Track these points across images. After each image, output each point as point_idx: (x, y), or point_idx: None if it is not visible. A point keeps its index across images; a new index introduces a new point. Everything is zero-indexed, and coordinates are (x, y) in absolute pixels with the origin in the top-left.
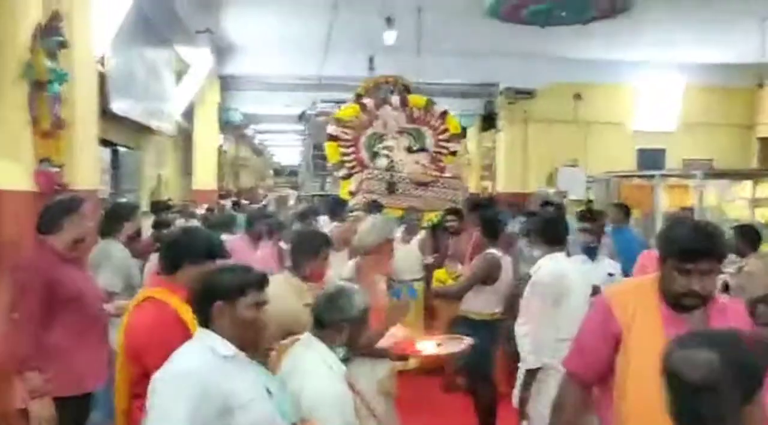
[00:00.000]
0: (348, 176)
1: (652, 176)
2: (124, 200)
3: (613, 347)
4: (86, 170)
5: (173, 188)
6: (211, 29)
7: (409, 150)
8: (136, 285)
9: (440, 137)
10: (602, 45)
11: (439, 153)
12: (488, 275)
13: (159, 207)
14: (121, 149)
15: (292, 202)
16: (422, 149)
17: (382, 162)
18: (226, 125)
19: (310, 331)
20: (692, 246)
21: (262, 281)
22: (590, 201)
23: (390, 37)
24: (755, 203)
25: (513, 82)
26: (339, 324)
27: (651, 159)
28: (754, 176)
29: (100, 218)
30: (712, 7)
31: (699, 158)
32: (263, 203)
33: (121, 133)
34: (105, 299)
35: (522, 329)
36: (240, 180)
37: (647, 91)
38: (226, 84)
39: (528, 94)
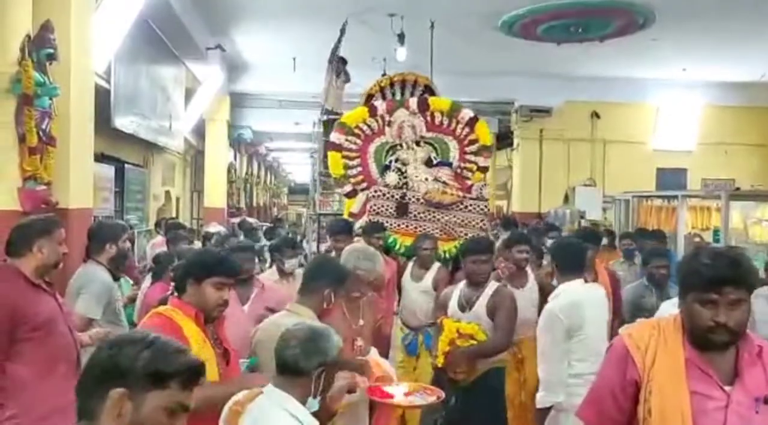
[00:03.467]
0: (353, 194)
1: (675, 197)
2: (110, 220)
3: (632, 395)
4: (79, 188)
5: (183, 206)
6: (222, 46)
7: (428, 164)
8: (118, 311)
9: (467, 149)
10: (619, 63)
11: (465, 169)
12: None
13: (170, 226)
14: (127, 166)
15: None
16: (444, 163)
17: (393, 178)
18: (236, 143)
19: (273, 382)
20: (716, 273)
21: (193, 373)
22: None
23: (402, 54)
24: None
25: (528, 100)
26: (318, 369)
27: (671, 179)
28: None
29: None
30: (732, 25)
31: (720, 178)
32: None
33: (127, 149)
34: (80, 328)
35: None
36: (252, 198)
37: (667, 110)
38: (237, 101)
39: (544, 112)
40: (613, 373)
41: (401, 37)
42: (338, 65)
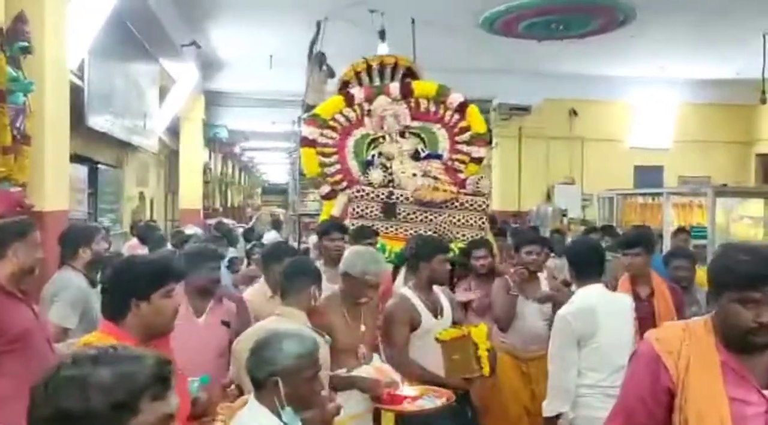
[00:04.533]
0: (332, 195)
1: (659, 194)
2: (82, 222)
3: (666, 404)
4: (54, 189)
5: (157, 208)
6: (197, 43)
7: (416, 157)
8: (96, 320)
9: (458, 138)
10: (597, 61)
11: (457, 161)
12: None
13: (144, 228)
14: (101, 167)
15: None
16: (433, 156)
17: (377, 175)
18: (212, 142)
19: (254, 393)
20: (757, 270)
21: (161, 378)
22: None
23: (383, 50)
24: None
25: (508, 98)
26: (271, 379)
27: (648, 177)
28: (766, 193)
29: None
30: (709, 24)
31: (696, 175)
32: (251, 223)
33: (101, 149)
34: (55, 338)
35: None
36: (227, 199)
37: (643, 108)
38: (212, 100)
39: (523, 110)
40: (643, 380)
41: (382, 34)
42: (319, 59)
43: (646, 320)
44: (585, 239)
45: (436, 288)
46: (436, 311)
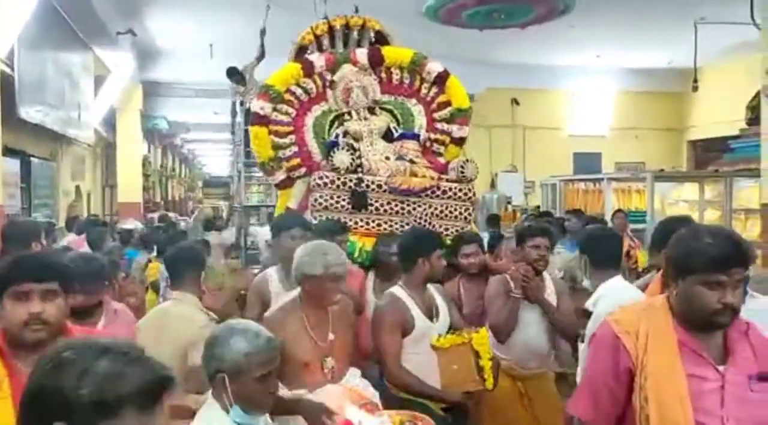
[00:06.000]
0: (288, 183)
1: (600, 180)
2: (22, 217)
3: (627, 384)
4: None
5: (95, 202)
6: (134, 31)
7: (387, 137)
8: None
9: (437, 114)
10: (538, 50)
11: (436, 141)
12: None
13: (88, 224)
14: (34, 160)
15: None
16: (408, 135)
17: (343, 158)
18: (150, 134)
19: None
20: (723, 253)
21: (152, 391)
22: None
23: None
24: (706, 204)
25: None
26: (218, 376)
27: (587, 163)
28: (700, 177)
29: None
30: (645, 13)
31: (631, 161)
32: (192, 218)
33: (34, 142)
34: None
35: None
36: (167, 192)
37: (581, 96)
38: (151, 90)
39: None
40: (605, 362)
41: (326, 21)
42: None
43: None
44: (601, 228)
45: (430, 287)
46: (431, 312)
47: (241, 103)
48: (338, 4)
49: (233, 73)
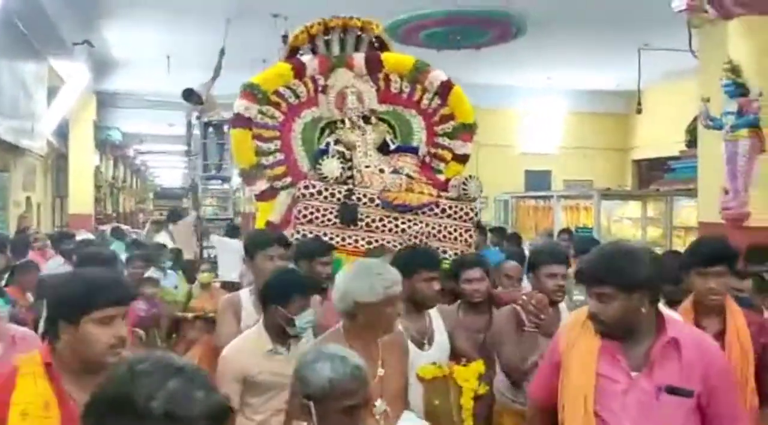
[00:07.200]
0: (269, 195)
1: (550, 197)
2: None
3: (557, 374)
4: None
5: (45, 213)
6: (91, 42)
7: (383, 150)
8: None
9: (438, 128)
10: (492, 71)
11: (436, 157)
12: None
13: (60, 236)
14: None
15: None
16: (406, 149)
17: (333, 167)
18: (102, 145)
19: None
20: (587, 269)
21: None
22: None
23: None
24: (648, 222)
25: None
26: (303, 402)
27: (538, 180)
28: (643, 196)
29: None
30: (593, 38)
31: (579, 179)
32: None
33: None
34: None
35: None
36: (118, 204)
37: (533, 116)
38: (105, 101)
39: None
40: (548, 353)
41: (285, 39)
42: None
43: None
44: (590, 238)
45: (431, 311)
46: (423, 339)
47: (198, 118)
48: (298, 23)
49: (190, 95)
